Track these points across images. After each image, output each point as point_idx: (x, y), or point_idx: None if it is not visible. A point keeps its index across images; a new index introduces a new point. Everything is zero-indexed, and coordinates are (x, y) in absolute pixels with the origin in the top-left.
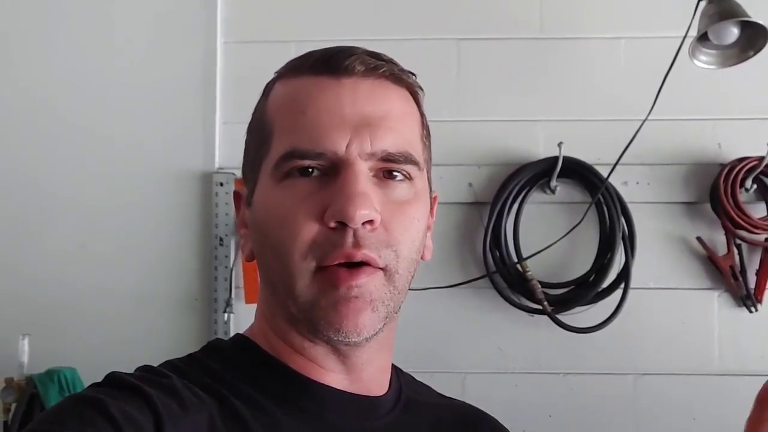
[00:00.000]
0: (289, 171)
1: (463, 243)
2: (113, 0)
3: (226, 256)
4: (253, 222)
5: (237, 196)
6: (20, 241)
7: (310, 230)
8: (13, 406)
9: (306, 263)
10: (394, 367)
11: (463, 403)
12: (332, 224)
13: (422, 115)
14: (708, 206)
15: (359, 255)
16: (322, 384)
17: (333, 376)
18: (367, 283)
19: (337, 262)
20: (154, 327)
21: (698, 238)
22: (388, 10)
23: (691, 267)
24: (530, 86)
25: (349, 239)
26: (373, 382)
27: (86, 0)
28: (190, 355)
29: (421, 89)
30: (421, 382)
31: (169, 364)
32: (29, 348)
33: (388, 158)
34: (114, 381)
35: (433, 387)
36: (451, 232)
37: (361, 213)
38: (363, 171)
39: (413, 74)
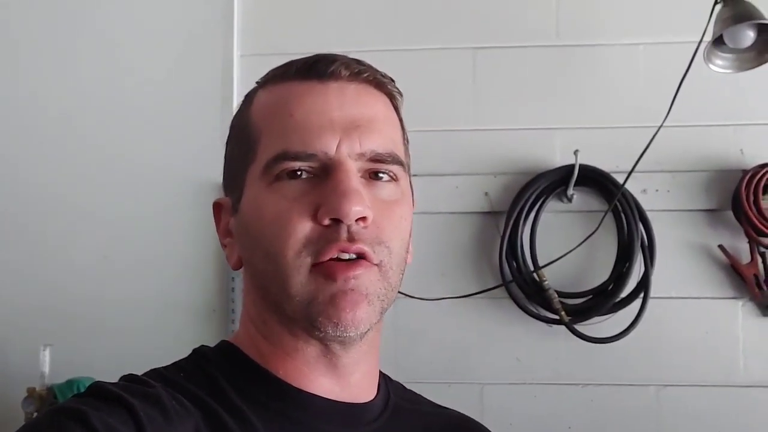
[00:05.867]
0: (279, 174)
1: (480, 253)
2: (131, 14)
3: None
4: (242, 227)
5: (217, 206)
6: (44, 253)
7: (303, 228)
8: (35, 415)
9: (301, 260)
10: (382, 375)
11: (457, 412)
12: (326, 222)
13: (401, 119)
14: (730, 213)
15: (354, 248)
16: (309, 393)
17: (321, 381)
18: (363, 275)
19: (331, 256)
20: (174, 337)
21: (720, 246)
22: (404, 20)
23: (714, 276)
24: (547, 94)
25: (344, 234)
26: (361, 388)
27: (103, 15)
28: (175, 363)
29: (401, 95)
30: (412, 391)
31: (154, 373)
32: (50, 358)
33: (376, 158)
34: (97, 391)
35: (451, 398)
36: (468, 241)
37: (355, 209)
38: (354, 170)
39: (393, 80)
